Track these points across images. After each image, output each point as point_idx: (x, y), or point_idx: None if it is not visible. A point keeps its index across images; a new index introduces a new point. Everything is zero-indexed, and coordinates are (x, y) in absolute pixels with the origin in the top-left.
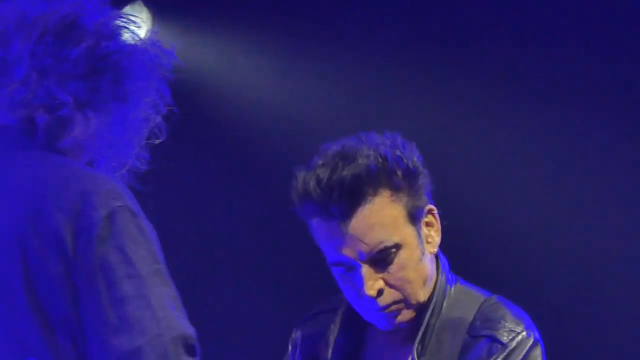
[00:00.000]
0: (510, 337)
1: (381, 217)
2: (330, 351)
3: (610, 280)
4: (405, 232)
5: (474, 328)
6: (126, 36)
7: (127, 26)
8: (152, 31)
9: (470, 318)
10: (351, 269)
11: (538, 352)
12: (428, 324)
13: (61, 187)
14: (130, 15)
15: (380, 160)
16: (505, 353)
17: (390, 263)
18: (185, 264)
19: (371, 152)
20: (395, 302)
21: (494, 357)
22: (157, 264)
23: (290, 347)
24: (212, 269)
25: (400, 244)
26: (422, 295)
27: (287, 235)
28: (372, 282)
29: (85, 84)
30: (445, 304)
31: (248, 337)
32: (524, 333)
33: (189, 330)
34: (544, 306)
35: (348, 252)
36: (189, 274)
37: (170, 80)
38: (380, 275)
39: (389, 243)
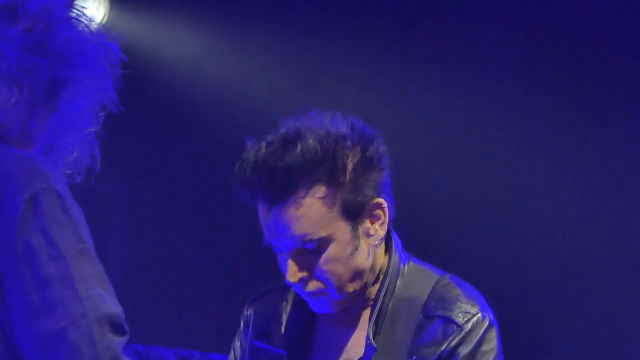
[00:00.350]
0: (466, 319)
1: (309, 212)
2: (282, 328)
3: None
4: (336, 227)
5: (429, 308)
6: (74, 25)
7: (76, 15)
8: (103, 23)
9: (425, 297)
10: (281, 253)
11: (494, 334)
12: (382, 303)
13: None
14: (81, 5)
15: (320, 153)
16: (461, 335)
17: (318, 255)
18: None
19: (314, 143)
20: (320, 291)
21: (450, 338)
22: (81, 244)
23: (242, 324)
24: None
25: (329, 238)
26: (350, 288)
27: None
28: (295, 271)
29: (20, 63)
30: (398, 282)
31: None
32: (479, 315)
33: (115, 309)
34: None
35: (276, 238)
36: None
37: (116, 72)
38: (307, 265)
39: (315, 237)
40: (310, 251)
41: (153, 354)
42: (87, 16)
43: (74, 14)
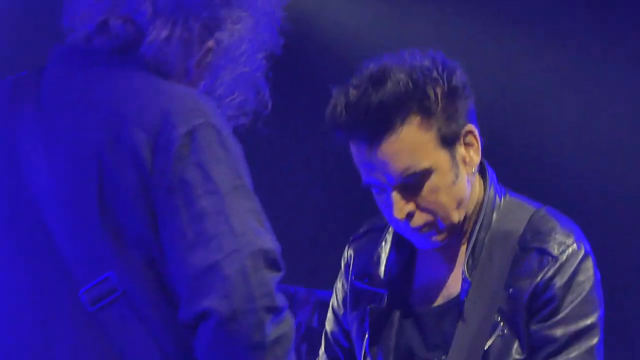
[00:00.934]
0: (561, 250)
1: (409, 144)
2: (382, 268)
3: None
4: (436, 157)
5: (524, 240)
6: None
7: None
8: None
9: (521, 230)
10: (383, 190)
11: (590, 264)
12: (477, 237)
13: (143, 105)
14: None
15: (411, 85)
16: (556, 266)
17: (422, 187)
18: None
19: (402, 76)
20: (427, 224)
21: (545, 269)
22: (239, 179)
23: (343, 265)
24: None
25: (431, 169)
26: (456, 217)
27: None
28: (401, 206)
29: (188, 18)
30: (494, 216)
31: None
32: (575, 245)
33: (270, 245)
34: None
35: (378, 176)
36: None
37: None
38: (412, 199)
39: (418, 169)
40: (413, 184)
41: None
42: None
43: None
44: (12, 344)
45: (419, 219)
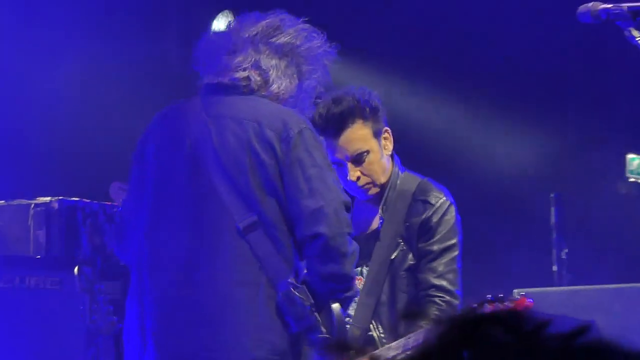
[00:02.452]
0: (436, 200)
1: (357, 135)
2: None
3: None
4: (371, 144)
5: (415, 195)
6: (306, 38)
7: (310, 33)
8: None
9: (413, 189)
10: (341, 165)
11: (452, 209)
12: (388, 194)
13: (271, 116)
14: (312, 29)
15: (355, 102)
16: (433, 209)
17: (363, 161)
18: None
19: (351, 99)
20: (367, 183)
21: (427, 212)
22: (326, 159)
23: None
24: None
25: (369, 150)
26: (382, 179)
27: None
28: (353, 172)
29: (280, 62)
30: (398, 182)
31: None
32: (444, 198)
33: (347, 198)
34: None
35: (339, 155)
36: None
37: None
38: (358, 168)
39: (362, 150)
40: (359, 160)
41: None
42: (319, 36)
43: (309, 32)
44: (190, 256)
45: (363, 180)
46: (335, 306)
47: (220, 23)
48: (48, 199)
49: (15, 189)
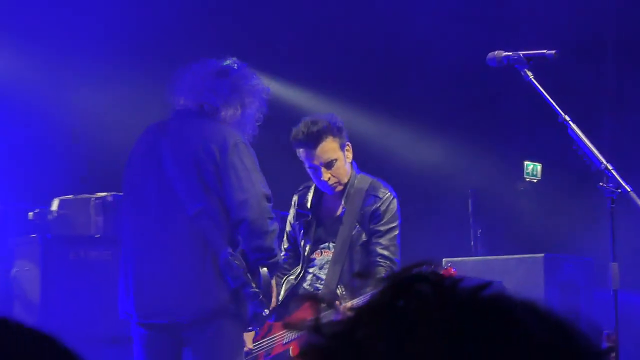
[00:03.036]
0: (383, 195)
1: (329, 147)
2: (309, 203)
3: None
4: (338, 154)
5: (368, 191)
6: (247, 78)
7: (251, 75)
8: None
9: (366, 187)
10: (316, 169)
11: (395, 201)
12: (348, 190)
13: (214, 133)
14: (252, 71)
15: (327, 123)
16: (381, 202)
17: (333, 166)
18: None
19: (324, 120)
20: (335, 182)
21: (377, 203)
22: (254, 164)
23: (292, 202)
24: None
25: (337, 159)
26: (345, 179)
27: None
28: (326, 174)
29: (228, 97)
30: (355, 182)
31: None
32: (389, 193)
33: (268, 191)
34: None
35: (315, 161)
36: None
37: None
38: (329, 171)
39: (332, 158)
40: (330, 165)
41: None
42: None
43: (251, 75)
44: (154, 236)
45: (332, 180)
46: (263, 270)
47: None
48: (104, 193)
49: (78, 185)
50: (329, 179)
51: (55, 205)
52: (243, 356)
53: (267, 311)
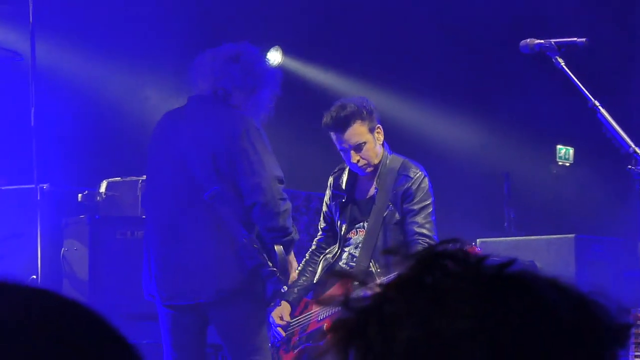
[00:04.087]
0: (414, 174)
1: (358, 131)
2: (344, 184)
3: None
4: (367, 137)
5: (399, 171)
6: (267, 68)
7: (266, 61)
8: (276, 63)
9: (397, 167)
10: (347, 151)
11: (426, 180)
12: (380, 170)
13: (226, 118)
14: (273, 55)
15: (356, 108)
16: (412, 181)
17: (362, 149)
18: None
19: (353, 105)
20: (364, 164)
21: (409, 183)
22: (266, 147)
23: (328, 183)
24: None
25: (366, 142)
26: (375, 161)
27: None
28: (355, 157)
29: (240, 81)
30: (387, 162)
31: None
32: (421, 172)
33: (279, 173)
34: None
35: (345, 145)
36: None
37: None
38: (358, 154)
39: (360, 141)
40: (359, 148)
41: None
42: (270, 60)
43: (265, 58)
44: (173, 219)
45: (362, 162)
46: (278, 248)
47: (272, 55)
48: None
49: (127, 167)
50: (358, 161)
51: (103, 187)
52: (266, 332)
53: (285, 288)
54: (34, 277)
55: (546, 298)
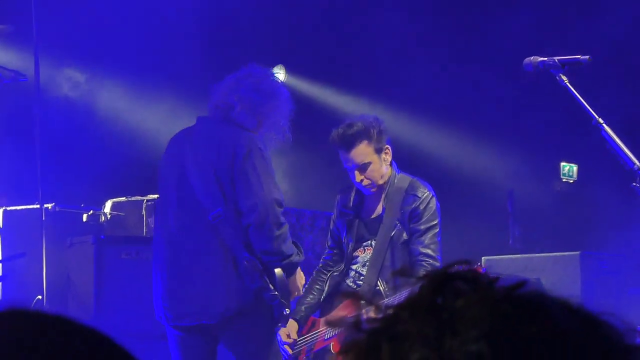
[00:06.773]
0: (422, 194)
1: (363, 151)
2: (351, 202)
3: None
4: (373, 157)
5: (407, 190)
6: (275, 85)
7: (276, 80)
8: (285, 82)
9: (405, 186)
10: (352, 170)
11: (434, 200)
12: (388, 189)
13: (231, 138)
14: (277, 73)
15: (364, 127)
16: (420, 201)
17: (367, 169)
18: None
19: (360, 124)
20: (369, 184)
21: (416, 202)
22: (268, 170)
23: (335, 202)
24: None
25: (371, 162)
26: (380, 181)
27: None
28: (359, 176)
29: (253, 104)
30: (395, 181)
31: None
32: (428, 193)
33: (279, 196)
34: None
35: (349, 164)
36: None
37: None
38: (363, 174)
39: (365, 162)
40: (364, 168)
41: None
42: (279, 80)
43: (275, 79)
44: (178, 240)
45: (366, 182)
46: (278, 271)
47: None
48: (155, 196)
49: (132, 187)
50: (362, 180)
51: (108, 207)
52: (276, 349)
53: (287, 310)
54: (39, 297)
55: (557, 320)
